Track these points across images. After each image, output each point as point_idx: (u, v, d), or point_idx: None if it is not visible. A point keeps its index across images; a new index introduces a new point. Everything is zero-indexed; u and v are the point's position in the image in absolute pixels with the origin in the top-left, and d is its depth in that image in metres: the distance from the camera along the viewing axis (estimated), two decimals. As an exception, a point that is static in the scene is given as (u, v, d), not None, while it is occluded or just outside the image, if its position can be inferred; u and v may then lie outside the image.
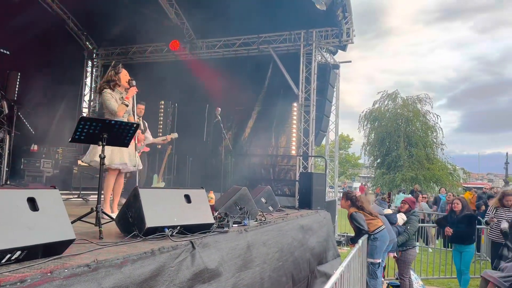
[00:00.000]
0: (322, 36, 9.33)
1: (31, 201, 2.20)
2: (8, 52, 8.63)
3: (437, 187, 25.50)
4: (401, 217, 6.16)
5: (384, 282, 6.43)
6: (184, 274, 2.81)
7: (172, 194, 3.35)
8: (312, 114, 9.11)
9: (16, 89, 8.57)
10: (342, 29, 8.85)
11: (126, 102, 4.52)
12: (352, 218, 5.46)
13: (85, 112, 11.69)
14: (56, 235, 2.25)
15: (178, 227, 3.15)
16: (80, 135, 3.35)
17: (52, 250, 2.24)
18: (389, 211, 6.27)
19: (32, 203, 2.20)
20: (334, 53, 10.56)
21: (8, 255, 2.00)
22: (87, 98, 11.88)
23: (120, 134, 3.58)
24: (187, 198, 3.37)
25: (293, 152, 9.46)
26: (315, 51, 9.26)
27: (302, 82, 9.22)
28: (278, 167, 9.78)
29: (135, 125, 3.62)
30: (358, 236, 5.30)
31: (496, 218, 6.26)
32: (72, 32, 11.16)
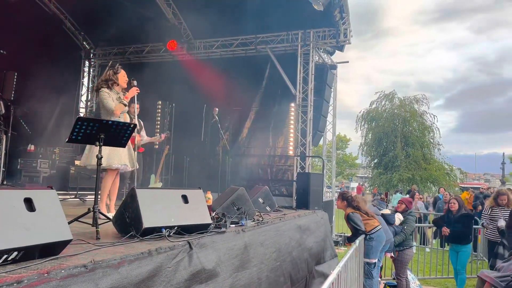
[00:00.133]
0: (319, 36, 9.34)
1: (28, 201, 2.19)
2: (4, 52, 8.60)
3: (434, 187, 25.58)
4: (397, 217, 6.18)
5: (381, 282, 6.45)
6: (181, 274, 2.81)
7: (170, 195, 3.35)
8: (310, 114, 9.12)
9: (13, 89, 8.55)
10: (340, 29, 8.87)
11: (125, 102, 4.51)
12: (349, 219, 5.47)
13: (82, 112, 11.66)
14: (53, 235, 2.25)
15: (176, 228, 3.15)
16: (77, 135, 3.34)
17: (49, 250, 2.24)
18: (387, 211, 6.28)
19: (29, 204, 2.19)
20: (331, 53, 10.58)
21: (5, 256, 2.00)
22: (84, 98, 11.87)
23: (117, 135, 3.58)
24: (185, 199, 3.36)
25: (290, 152, 9.47)
26: (312, 51, 9.28)
27: (299, 83, 9.23)
28: (275, 167, 9.79)
29: (132, 125, 3.62)
30: (355, 236, 5.32)
31: (492, 220, 6.29)
32: (69, 32, 11.14)
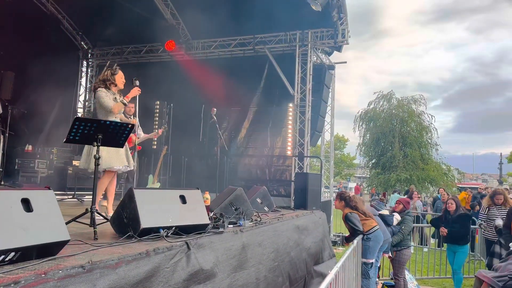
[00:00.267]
0: (317, 37, 9.35)
1: (25, 202, 2.18)
2: (1, 52, 8.58)
3: (432, 188, 25.62)
4: (395, 217, 6.19)
5: (379, 282, 6.45)
6: (179, 275, 2.81)
7: (167, 195, 3.35)
8: (308, 115, 9.12)
9: (11, 89, 8.53)
10: (338, 30, 8.87)
11: (125, 101, 4.50)
12: (347, 219, 5.47)
13: (80, 112, 11.64)
14: (51, 236, 2.24)
15: (173, 228, 3.14)
16: (75, 135, 3.33)
17: (47, 251, 2.23)
18: (385, 211, 6.29)
19: (26, 204, 2.18)
20: (329, 53, 10.59)
21: (2, 256, 1.99)
22: (82, 98, 11.85)
23: (115, 135, 3.57)
24: (182, 199, 3.36)
25: (288, 153, 9.48)
26: (310, 51, 9.28)
27: (297, 83, 9.23)
28: (273, 168, 9.79)
29: (130, 125, 3.62)
30: (353, 236, 5.32)
31: (490, 219, 6.31)
32: (67, 32, 11.11)
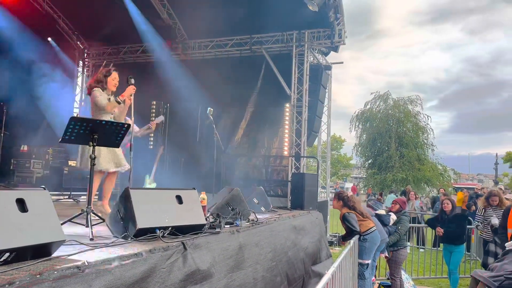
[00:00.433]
0: (314, 37, 9.36)
1: (20, 202, 2.17)
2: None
3: (428, 188, 25.72)
4: (391, 217, 6.20)
5: (375, 282, 6.46)
6: (175, 275, 2.80)
7: (164, 195, 3.33)
8: (304, 115, 9.13)
9: (6, 88, 8.48)
10: (334, 30, 8.88)
11: (119, 100, 4.48)
12: (344, 219, 5.47)
13: (75, 112, 11.59)
14: (46, 236, 2.23)
15: (170, 228, 3.13)
16: (70, 135, 3.31)
17: (42, 251, 2.22)
18: (382, 211, 6.30)
19: (21, 204, 2.17)
20: (326, 54, 10.60)
21: (-3, 257, 1.98)
22: (78, 98, 11.80)
23: (111, 134, 3.55)
24: (179, 199, 3.35)
25: (285, 153, 9.48)
26: (307, 52, 9.29)
27: (294, 83, 9.23)
28: (270, 168, 9.79)
29: (126, 125, 3.60)
30: (349, 236, 5.33)
31: (486, 220, 6.33)
32: (63, 32, 11.06)
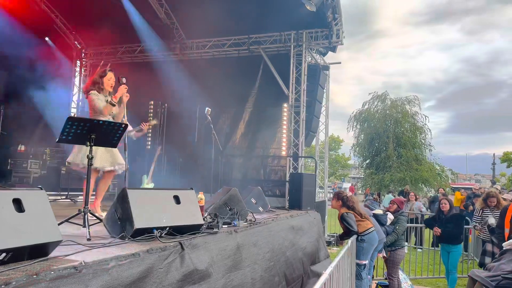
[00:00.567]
0: (312, 37, 9.36)
1: (17, 202, 2.16)
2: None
3: (425, 188, 25.77)
4: (388, 217, 6.20)
5: (373, 282, 6.47)
6: (173, 275, 2.79)
7: (161, 195, 3.33)
8: (302, 115, 9.13)
9: (3, 88, 8.46)
10: (332, 30, 8.89)
11: (113, 102, 4.48)
12: (342, 219, 5.47)
13: (73, 112, 11.56)
14: (43, 236, 2.22)
15: (167, 228, 3.12)
16: (68, 135, 3.31)
17: (38, 251, 2.21)
18: (379, 211, 6.30)
19: (18, 204, 2.16)
20: (324, 54, 10.60)
21: (-7, 257, 1.97)
22: (75, 98, 11.77)
23: (108, 134, 3.55)
24: (176, 199, 3.34)
25: (283, 153, 9.47)
26: (305, 52, 9.28)
27: (292, 83, 9.23)
28: (268, 168, 9.78)
29: (123, 125, 3.60)
30: (347, 236, 5.33)
31: (484, 221, 6.35)
32: (60, 31, 11.03)
